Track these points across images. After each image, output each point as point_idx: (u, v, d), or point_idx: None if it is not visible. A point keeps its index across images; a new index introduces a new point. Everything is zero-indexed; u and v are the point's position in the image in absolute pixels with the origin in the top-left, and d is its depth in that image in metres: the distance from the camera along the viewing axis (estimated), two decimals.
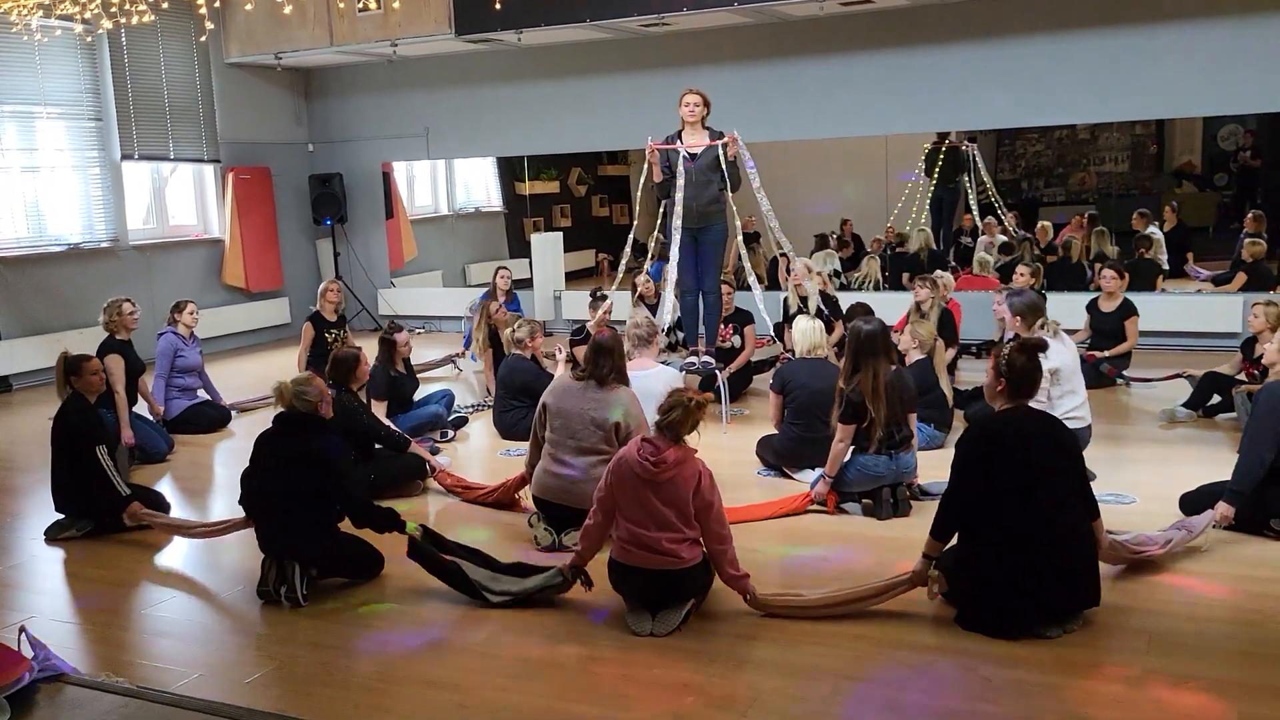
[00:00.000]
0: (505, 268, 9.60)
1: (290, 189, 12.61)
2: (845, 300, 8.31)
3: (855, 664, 3.69)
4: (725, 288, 7.98)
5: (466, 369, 9.63)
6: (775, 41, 10.55)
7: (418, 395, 7.42)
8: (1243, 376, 6.88)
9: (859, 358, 5.23)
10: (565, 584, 4.27)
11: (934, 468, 5.53)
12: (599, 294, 8.31)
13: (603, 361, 5.07)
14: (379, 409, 6.64)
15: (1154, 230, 11.26)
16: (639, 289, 8.82)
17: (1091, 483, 5.53)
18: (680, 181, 7.05)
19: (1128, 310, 8.01)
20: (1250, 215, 11.05)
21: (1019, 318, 5.91)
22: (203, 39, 10.54)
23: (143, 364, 7.33)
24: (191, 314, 7.84)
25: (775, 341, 7.93)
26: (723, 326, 7.97)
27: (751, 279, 7.46)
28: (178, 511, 5.76)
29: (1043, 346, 4.10)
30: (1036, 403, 5.50)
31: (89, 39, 9.97)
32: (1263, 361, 5.65)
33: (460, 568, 4.37)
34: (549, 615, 4.21)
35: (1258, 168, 12.43)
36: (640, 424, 4.94)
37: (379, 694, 3.63)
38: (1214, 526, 4.66)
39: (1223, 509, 4.65)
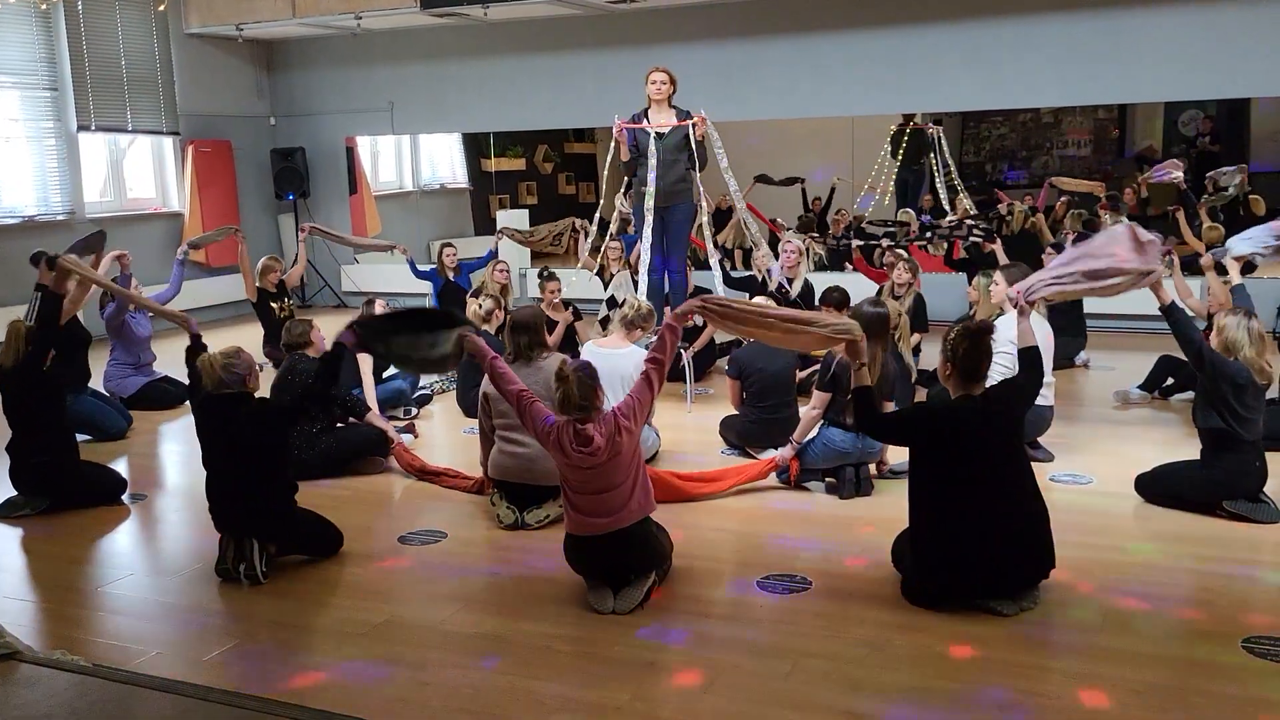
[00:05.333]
0: (450, 244, 9.67)
1: (251, 163, 12.43)
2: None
3: (814, 642, 3.72)
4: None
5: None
6: (743, 20, 10.52)
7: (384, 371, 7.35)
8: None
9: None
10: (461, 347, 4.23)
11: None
12: (546, 272, 8.22)
13: (520, 337, 5.05)
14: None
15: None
16: (612, 257, 8.65)
17: (1048, 463, 5.64)
18: (652, 162, 7.03)
19: None
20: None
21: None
22: (161, 8, 10.37)
23: (89, 335, 7.20)
24: (135, 286, 7.62)
25: None
26: None
27: (714, 259, 7.46)
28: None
29: (988, 330, 4.10)
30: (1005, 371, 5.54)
31: (44, 6, 9.75)
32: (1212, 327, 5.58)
33: (404, 352, 4.35)
34: (511, 593, 4.22)
35: (1217, 153, 12.61)
36: None
37: (338, 672, 3.62)
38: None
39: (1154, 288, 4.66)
